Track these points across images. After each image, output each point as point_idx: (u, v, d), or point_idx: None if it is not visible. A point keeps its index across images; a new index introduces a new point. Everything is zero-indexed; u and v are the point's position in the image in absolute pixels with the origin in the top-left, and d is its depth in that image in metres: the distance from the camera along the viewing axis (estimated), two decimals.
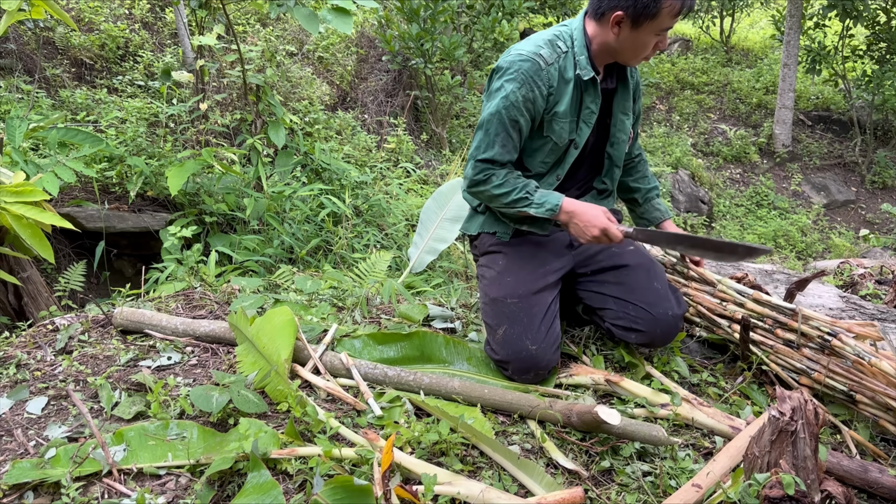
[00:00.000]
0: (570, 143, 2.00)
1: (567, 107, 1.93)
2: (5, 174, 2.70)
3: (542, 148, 2.00)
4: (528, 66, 1.88)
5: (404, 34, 6.72)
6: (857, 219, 8.40)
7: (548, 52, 1.90)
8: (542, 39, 1.94)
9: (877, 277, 3.23)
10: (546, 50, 1.91)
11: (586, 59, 1.91)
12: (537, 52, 1.89)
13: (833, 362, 1.85)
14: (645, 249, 2.14)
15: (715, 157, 9.02)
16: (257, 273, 3.97)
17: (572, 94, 1.93)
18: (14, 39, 6.28)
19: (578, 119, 1.97)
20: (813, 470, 1.31)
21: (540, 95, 1.89)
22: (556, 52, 1.91)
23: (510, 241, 2.11)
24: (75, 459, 1.49)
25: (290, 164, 5.25)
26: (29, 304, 2.89)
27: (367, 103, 7.97)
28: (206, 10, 4.81)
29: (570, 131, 1.97)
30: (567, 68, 1.92)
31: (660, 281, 2.02)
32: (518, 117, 1.90)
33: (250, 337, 1.94)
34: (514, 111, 1.89)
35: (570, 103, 1.93)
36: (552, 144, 1.98)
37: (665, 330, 1.96)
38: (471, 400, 1.82)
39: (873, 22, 8.35)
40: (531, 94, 1.89)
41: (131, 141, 4.92)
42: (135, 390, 1.83)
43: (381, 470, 1.36)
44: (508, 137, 1.92)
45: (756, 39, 11.57)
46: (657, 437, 1.61)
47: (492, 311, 2.01)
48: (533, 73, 1.88)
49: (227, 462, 1.44)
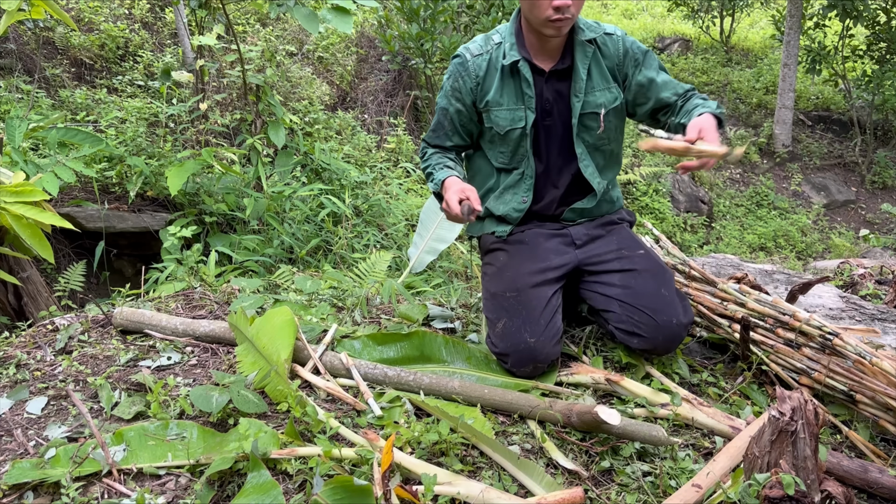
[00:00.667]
0: (516, 130, 2.02)
1: (501, 95, 2.01)
2: (5, 174, 2.70)
3: (493, 140, 2.09)
4: (456, 61, 2.05)
5: (404, 34, 6.72)
6: (857, 219, 8.40)
7: (477, 45, 2.03)
8: (480, 35, 2.07)
9: (877, 277, 3.23)
10: (476, 44, 2.04)
11: (512, 45, 1.98)
12: (468, 46, 2.04)
13: (833, 362, 1.85)
14: (655, 254, 2.12)
15: None
16: (257, 273, 3.97)
17: (507, 82, 2.00)
18: (14, 39, 6.28)
19: (525, 106, 2.01)
20: (813, 470, 1.31)
21: (464, 87, 2.03)
22: (489, 45, 2.02)
23: (511, 239, 2.12)
24: (75, 459, 1.49)
25: (290, 164, 5.25)
26: (29, 304, 2.89)
27: (367, 103, 7.97)
28: (206, 10, 4.81)
29: (513, 119, 2.01)
30: (498, 58, 2.00)
31: (668, 287, 1.99)
32: (448, 106, 2.07)
33: (250, 337, 1.94)
34: (444, 100, 2.08)
35: (507, 92, 2.00)
36: (497, 135, 2.05)
37: (668, 338, 1.94)
38: (471, 400, 1.82)
39: (873, 22, 8.34)
40: (457, 85, 2.04)
41: (131, 141, 4.92)
42: (135, 390, 1.83)
43: (381, 470, 1.36)
44: (440, 124, 2.12)
45: (756, 39, 11.57)
46: (657, 437, 1.61)
47: (492, 304, 2.02)
48: (458, 65, 2.03)
49: (227, 462, 1.44)
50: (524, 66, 1.96)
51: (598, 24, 2.05)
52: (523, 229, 2.13)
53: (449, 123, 2.09)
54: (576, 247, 2.10)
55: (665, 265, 2.08)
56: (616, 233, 2.14)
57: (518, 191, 2.11)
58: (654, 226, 6.43)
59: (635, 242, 2.12)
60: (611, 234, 2.14)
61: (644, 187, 7.89)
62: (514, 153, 2.07)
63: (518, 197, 2.11)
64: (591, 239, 2.11)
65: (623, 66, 2.05)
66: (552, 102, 2.02)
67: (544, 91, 2.01)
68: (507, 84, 1.99)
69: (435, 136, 2.15)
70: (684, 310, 1.98)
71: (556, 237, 2.11)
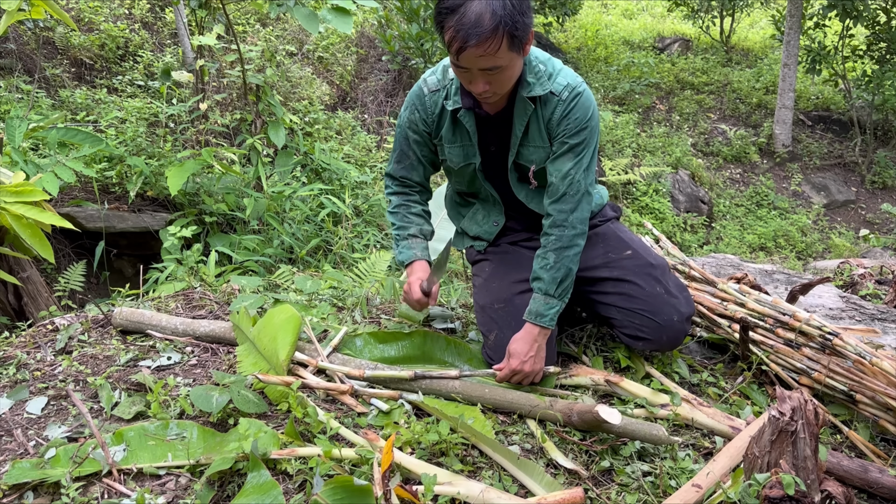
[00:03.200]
0: (470, 166, 1.99)
1: (453, 133, 1.96)
2: (5, 174, 2.70)
3: (449, 171, 2.08)
4: (414, 92, 1.98)
5: (404, 34, 6.72)
6: (857, 219, 8.40)
7: (435, 79, 1.94)
8: (440, 65, 1.96)
9: (877, 277, 3.23)
10: (434, 77, 1.95)
11: (457, 90, 1.89)
12: (427, 78, 1.96)
13: (833, 362, 1.85)
14: (647, 249, 2.09)
15: (715, 157, 9.02)
16: (257, 273, 3.97)
17: (457, 121, 1.94)
18: (14, 39, 6.28)
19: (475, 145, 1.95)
20: (813, 470, 1.31)
21: (421, 120, 1.97)
22: (445, 79, 1.92)
23: (496, 250, 2.12)
24: (75, 459, 1.49)
25: (290, 164, 5.25)
26: (29, 304, 2.89)
27: (367, 103, 7.98)
28: (206, 10, 4.81)
29: (465, 156, 1.98)
30: (448, 97, 1.91)
31: (663, 284, 1.95)
32: (406, 136, 2.03)
33: (252, 337, 1.94)
34: (402, 131, 2.04)
35: (458, 129, 1.95)
36: (452, 169, 2.04)
37: (672, 336, 1.92)
38: (471, 399, 1.82)
39: (873, 22, 8.34)
40: (413, 117, 1.98)
41: (131, 141, 4.93)
42: (135, 390, 1.83)
43: (381, 470, 1.36)
44: (403, 154, 2.06)
45: (756, 39, 11.56)
46: (658, 437, 1.61)
47: (482, 317, 2.01)
48: (415, 97, 1.97)
49: (227, 462, 1.44)
50: (465, 115, 1.89)
51: (550, 77, 1.83)
52: (503, 240, 2.13)
53: (412, 153, 2.05)
54: None
55: (656, 259, 2.02)
56: (601, 236, 2.07)
57: (490, 214, 2.11)
58: (654, 226, 6.43)
59: (622, 242, 2.05)
60: (595, 238, 2.06)
61: (644, 187, 7.89)
62: (470, 184, 2.07)
63: (490, 219, 2.11)
64: None
65: (554, 129, 1.86)
66: (496, 146, 1.97)
67: (488, 135, 1.95)
68: (458, 123, 1.94)
69: (401, 168, 2.08)
70: (685, 302, 1.95)
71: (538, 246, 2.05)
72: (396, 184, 2.12)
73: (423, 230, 2.10)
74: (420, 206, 2.13)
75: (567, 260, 1.84)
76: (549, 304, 1.83)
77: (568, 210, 1.84)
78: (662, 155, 8.56)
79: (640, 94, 9.76)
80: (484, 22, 1.56)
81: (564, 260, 1.83)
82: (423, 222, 2.11)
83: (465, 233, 2.19)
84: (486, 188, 2.05)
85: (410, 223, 2.09)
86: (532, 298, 1.86)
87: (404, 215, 2.10)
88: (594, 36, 11.27)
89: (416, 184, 2.12)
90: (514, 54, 1.66)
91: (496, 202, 2.08)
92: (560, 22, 10.37)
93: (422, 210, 2.13)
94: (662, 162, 8.40)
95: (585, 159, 1.85)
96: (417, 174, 2.09)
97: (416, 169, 2.08)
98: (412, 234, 2.08)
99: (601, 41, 11.09)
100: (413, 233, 2.08)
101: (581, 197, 1.85)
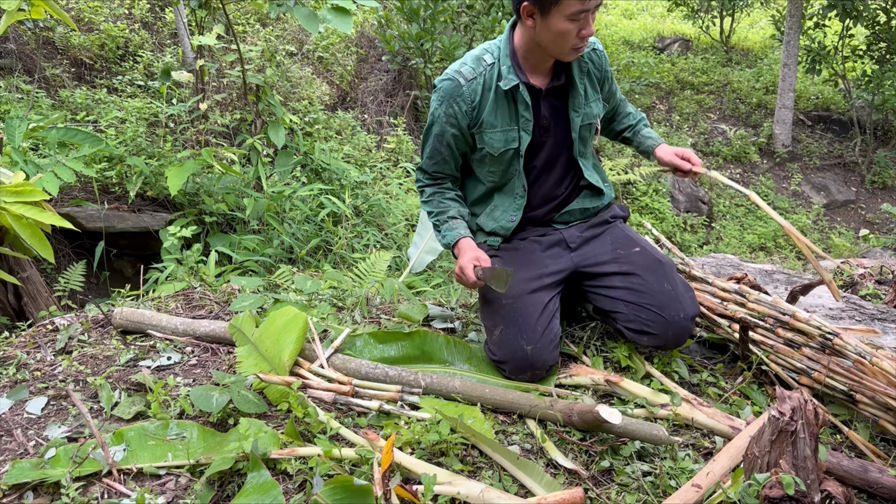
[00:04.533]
0: (510, 151, 2.02)
1: (495, 117, 1.99)
2: (5, 174, 2.70)
3: (483, 160, 2.08)
4: (448, 85, 1.99)
5: (404, 34, 6.72)
6: (857, 219, 8.40)
7: (469, 68, 1.99)
8: (470, 56, 2.02)
9: (877, 277, 3.23)
10: (468, 67, 1.99)
11: (509, 68, 1.95)
12: (459, 69, 1.99)
13: (833, 362, 1.85)
14: (654, 248, 2.12)
15: (715, 157, 9.02)
16: (257, 273, 3.97)
17: (501, 104, 1.98)
18: (14, 39, 6.28)
19: (519, 128, 2.00)
20: (813, 470, 1.31)
21: (460, 111, 1.99)
22: (481, 66, 1.98)
23: (507, 247, 2.14)
24: (75, 459, 1.49)
25: (290, 164, 5.25)
26: (29, 304, 2.89)
27: (367, 103, 7.98)
28: (206, 9, 4.81)
29: (506, 140, 2.00)
30: (492, 79, 1.97)
31: (670, 281, 1.99)
32: (442, 132, 2.04)
33: (253, 340, 1.94)
34: (439, 126, 2.04)
35: (500, 113, 1.98)
36: (489, 155, 2.04)
37: (677, 332, 1.94)
38: (472, 399, 1.82)
39: (873, 22, 8.34)
40: (451, 111, 1.99)
41: (131, 141, 4.93)
42: (135, 390, 1.83)
43: (381, 470, 1.36)
44: (437, 150, 2.08)
45: (756, 39, 11.56)
46: (658, 436, 1.61)
47: (488, 312, 2.02)
48: (452, 90, 1.98)
49: (227, 462, 1.44)
50: (524, 90, 1.96)
51: None
52: (515, 237, 2.14)
53: (446, 149, 2.07)
54: (570, 250, 2.09)
55: (663, 257, 2.07)
56: (609, 232, 2.14)
57: (508, 209, 2.12)
58: (654, 226, 6.44)
59: (630, 240, 2.11)
60: (604, 234, 2.14)
61: (644, 187, 7.89)
62: (504, 172, 2.08)
63: (507, 215, 2.12)
64: (584, 241, 2.11)
65: (602, 80, 2.12)
66: (549, 119, 2.03)
67: (542, 109, 2.01)
68: (500, 106, 1.98)
69: (433, 164, 2.12)
70: (691, 301, 1.99)
71: (550, 243, 2.11)
72: (428, 177, 2.17)
73: (460, 212, 2.13)
74: (453, 192, 2.17)
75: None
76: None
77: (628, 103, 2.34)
78: None
79: (639, 94, 9.76)
80: None
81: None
82: (458, 205, 2.15)
83: (480, 229, 2.19)
84: (517, 176, 2.07)
85: (448, 207, 2.12)
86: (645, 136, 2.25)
87: (440, 201, 2.13)
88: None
89: (447, 175, 2.17)
90: None
91: (518, 195, 2.10)
92: None
93: (455, 195, 2.17)
94: None
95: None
96: (449, 167, 2.14)
97: (449, 163, 2.12)
98: (451, 216, 2.11)
99: (601, 41, 11.09)
100: (452, 214, 2.11)
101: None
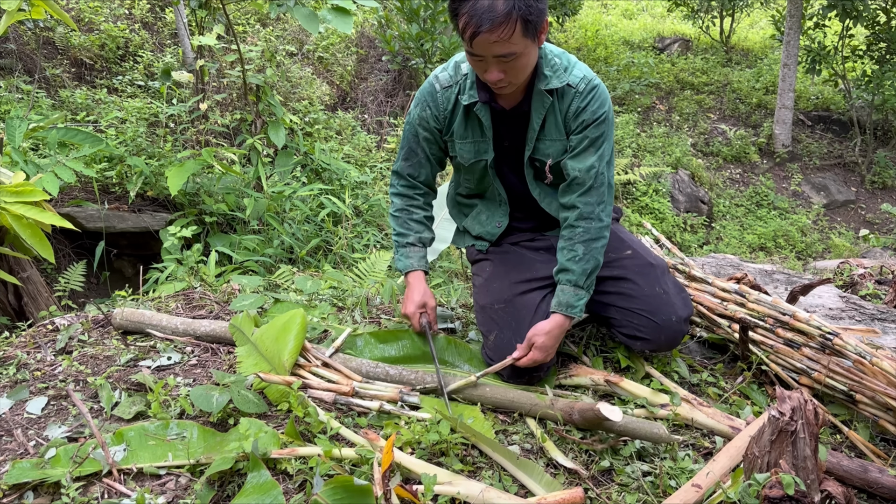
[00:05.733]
0: (481, 162, 2.00)
1: (465, 128, 1.96)
2: (5, 174, 2.70)
3: (459, 167, 2.07)
4: (425, 89, 1.98)
5: (404, 34, 6.72)
6: (857, 219, 8.40)
7: (447, 75, 1.95)
8: (454, 60, 1.97)
9: (877, 277, 3.23)
10: (447, 74, 1.95)
11: (472, 84, 1.90)
12: (438, 75, 1.97)
13: (833, 362, 1.85)
14: (647, 250, 2.10)
15: (715, 157, 9.02)
16: (257, 273, 3.97)
17: (470, 116, 1.94)
18: (14, 39, 6.28)
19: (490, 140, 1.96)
20: (813, 470, 1.31)
21: (432, 116, 1.97)
22: (458, 75, 1.93)
23: (497, 250, 2.12)
24: (75, 459, 1.49)
25: (290, 164, 5.25)
26: (29, 304, 2.89)
27: (367, 103, 7.98)
28: (206, 10, 4.81)
29: (477, 152, 1.98)
30: (462, 91, 1.93)
31: (662, 284, 1.95)
32: (416, 133, 2.03)
33: (253, 340, 1.94)
34: (412, 127, 2.03)
35: (471, 125, 1.95)
36: (462, 164, 2.03)
37: (670, 336, 1.92)
38: (472, 398, 1.82)
39: (873, 22, 8.34)
40: (425, 114, 1.98)
41: (131, 141, 4.93)
42: (135, 390, 1.83)
43: (381, 470, 1.36)
44: (412, 151, 2.06)
45: (756, 39, 11.56)
46: (658, 435, 1.61)
47: (482, 317, 2.02)
48: (427, 94, 1.97)
49: (228, 462, 1.44)
50: (481, 109, 1.89)
51: (566, 70, 1.85)
52: (504, 241, 2.13)
53: (420, 151, 2.05)
54: None
55: (655, 259, 2.03)
56: None
57: (494, 215, 2.11)
58: (654, 226, 6.44)
59: (622, 242, 2.07)
60: None
61: (644, 187, 7.88)
62: (479, 181, 2.07)
63: (493, 220, 2.11)
64: None
65: (571, 123, 1.88)
66: (511, 141, 1.97)
67: (503, 130, 1.95)
68: (470, 118, 1.95)
69: (408, 166, 2.08)
70: (683, 303, 1.95)
71: (540, 248, 2.09)
72: (402, 183, 2.12)
73: (422, 238, 2.11)
74: (422, 213, 2.13)
75: (595, 251, 1.86)
76: (578, 295, 1.85)
77: (594, 202, 1.87)
78: (662, 155, 8.55)
79: (639, 94, 9.76)
80: (497, 7, 1.58)
81: (593, 251, 1.85)
82: (423, 229, 2.12)
83: (467, 231, 2.19)
84: (494, 186, 2.05)
85: (410, 230, 2.10)
86: (559, 291, 1.87)
87: (405, 221, 2.11)
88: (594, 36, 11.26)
89: (421, 184, 2.12)
90: (529, 41, 1.65)
91: (502, 202, 2.08)
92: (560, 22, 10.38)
93: (423, 217, 2.14)
94: (662, 162, 8.39)
95: (606, 152, 1.88)
96: (424, 172, 2.10)
97: (424, 167, 2.08)
98: (411, 242, 2.09)
99: (601, 41, 11.09)
100: (412, 241, 2.09)
101: (605, 189, 1.88)
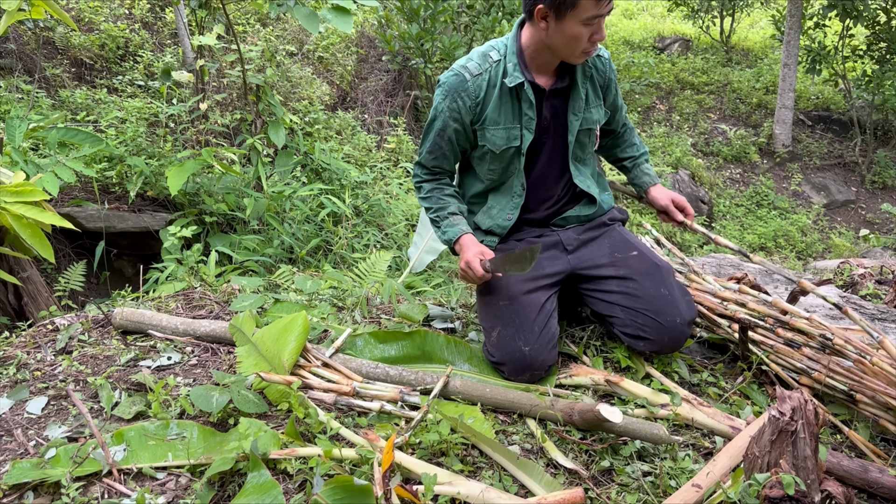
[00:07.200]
0: (511, 149, 2.01)
1: (499, 114, 1.98)
2: (5, 174, 2.70)
3: (484, 157, 2.07)
4: (453, 80, 1.99)
5: (404, 34, 6.72)
6: (857, 219, 8.40)
7: (475, 64, 1.99)
8: (476, 52, 2.03)
9: (877, 277, 3.23)
10: (474, 62, 1.99)
11: (515, 66, 1.95)
12: (465, 65, 1.99)
13: (833, 362, 1.85)
14: (652, 252, 2.11)
15: (715, 157, 9.02)
16: (257, 273, 3.97)
17: (505, 101, 1.97)
18: (14, 39, 6.28)
19: (521, 126, 1.99)
20: (813, 470, 1.31)
21: (464, 107, 1.98)
22: (487, 63, 1.98)
23: (503, 247, 2.13)
24: (75, 459, 1.49)
25: (290, 164, 5.25)
26: (29, 304, 2.89)
27: (367, 103, 7.98)
28: (206, 10, 4.81)
29: (508, 138, 2.00)
30: (498, 76, 1.97)
31: (667, 286, 1.98)
32: (445, 127, 2.03)
33: (253, 340, 1.94)
34: (441, 121, 2.02)
35: (504, 111, 1.98)
36: (490, 153, 2.03)
37: (673, 337, 1.94)
38: (472, 399, 1.82)
39: (873, 22, 8.34)
40: (455, 105, 1.99)
41: (131, 141, 4.93)
42: (135, 390, 1.83)
43: (381, 470, 1.36)
44: (437, 145, 2.06)
45: (756, 39, 11.56)
46: (658, 436, 1.61)
47: (485, 313, 2.02)
48: (457, 85, 1.98)
49: (228, 462, 1.44)
50: (528, 88, 1.95)
51: None
52: (511, 238, 2.14)
53: (447, 144, 2.06)
54: (567, 252, 2.09)
55: (661, 261, 2.07)
56: (607, 235, 2.13)
57: (505, 208, 2.11)
58: (654, 226, 6.44)
59: (628, 243, 2.10)
60: (602, 237, 2.12)
61: None
62: (504, 170, 2.07)
63: (504, 213, 2.11)
64: (581, 244, 2.10)
65: (606, 86, 2.12)
66: (549, 120, 2.03)
67: (543, 110, 2.01)
68: (504, 103, 1.98)
69: (433, 158, 2.10)
70: (687, 306, 1.98)
71: (548, 244, 2.10)
72: (426, 172, 2.14)
73: (460, 208, 2.13)
74: (451, 188, 2.16)
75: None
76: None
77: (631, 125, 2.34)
78: (662, 155, 8.56)
79: (640, 94, 9.76)
80: None
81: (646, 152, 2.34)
82: (457, 201, 2.14)
83: (477, 227, 2.19)
84: (517, 175, 2.07)
85: (447, 203, 2.11)
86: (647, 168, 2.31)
87: (439, 197, 2.12)
88: None
89: (445, 171, 2.16)
90: None
91: (516, 194, 2.09)
92: None
93: (454, 191, 2.16)
94: (662, 162, 8.40)
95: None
96: (448, 163, 2.13)
97: (448, 158, 2.11)
98: (452, 212, 2.10)
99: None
100: (452, 210, 2.10)
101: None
